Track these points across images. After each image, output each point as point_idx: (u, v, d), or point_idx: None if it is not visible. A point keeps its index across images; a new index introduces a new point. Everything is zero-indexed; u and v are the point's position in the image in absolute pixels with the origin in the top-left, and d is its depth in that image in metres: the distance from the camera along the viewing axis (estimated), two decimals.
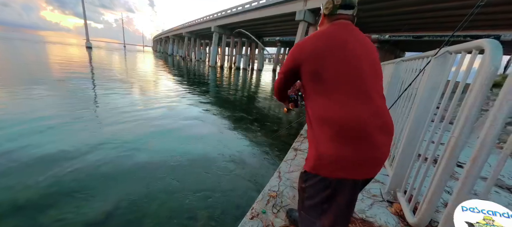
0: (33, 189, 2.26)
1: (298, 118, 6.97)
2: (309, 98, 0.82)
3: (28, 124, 3.76)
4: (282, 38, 32.68)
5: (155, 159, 3.13)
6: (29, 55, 16.31)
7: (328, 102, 0.75)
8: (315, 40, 0.78)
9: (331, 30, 0.81)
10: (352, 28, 0.82)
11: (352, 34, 0.80)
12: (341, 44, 0.76)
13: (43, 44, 38.29)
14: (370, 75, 0.78)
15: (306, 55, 0.79)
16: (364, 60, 0.78)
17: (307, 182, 0.80)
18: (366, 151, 0.71)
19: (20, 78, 7.54)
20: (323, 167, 0.74)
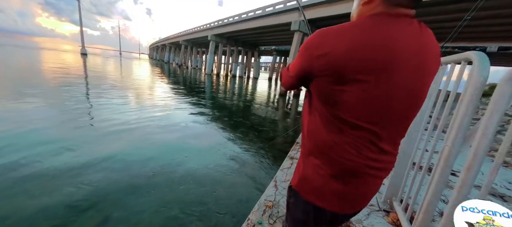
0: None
1: (294, 126, 6.98)
2: (313, 111, 0.63)
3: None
4: (278, 47, 33.23)
5: (147, 169, 3.05)
6: (24, 62, 16.04)
7: (334, 135, 0.57)
8: (350, 43, 0.49)
9: (381, 30, 0.49)
10: (412, 28, 0.52)
11: (410, 40, 0.51)
12: (382, 59, 0.48)
13: (37, 50, 37.83)
14: (405, 115, 0.57)
15: (326, 62, 0.51)
16: (410, 92, 0.54)
17: (291, 198, 0.73)
18: (357, 187, 0.60)
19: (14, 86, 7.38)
20: (304, 190, 0.66)
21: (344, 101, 0.53)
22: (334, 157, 0.58)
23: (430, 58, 0.54)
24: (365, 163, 0.57)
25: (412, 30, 0.51)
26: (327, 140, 0.58)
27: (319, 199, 0.62)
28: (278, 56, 37.61)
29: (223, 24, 24.38)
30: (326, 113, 0.57)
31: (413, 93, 0.54)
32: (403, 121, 0.58)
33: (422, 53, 0.52)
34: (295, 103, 12.34)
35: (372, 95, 0.51)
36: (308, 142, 0.64)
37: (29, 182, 2.44)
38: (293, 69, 0.65)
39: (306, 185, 0.65)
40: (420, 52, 0.52)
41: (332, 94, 0.54)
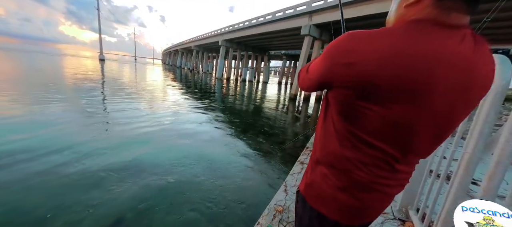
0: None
1: (304, 131, 6.91)
2: (327, 119, 0.58)
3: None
4: (287, 52, 33.24)
5: (158, 169, 3.13)
6: (51, 68, 17.14)
7: (347, 150, 0.53)
8: (385, 54, 0.41)
9: (426, 42, 0.41)
10: (468, 47, 0.42)
11: (463, 60, 0.42)
12: (432, 81, 0.41)
13: (61, 56, 40.31)
14: (433, 141, 0.51)
15: (353, 74, 0.44)
16: (445, 119, 0.47)
17: (298, 203, 0.71)
18: (366, 202, 0.57)
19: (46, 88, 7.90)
20: (310, 196, 0.64)
21: (366, 119, 0.47)
22: (344, 170, 0.55)
23: (478, 84, 0.45)
24: (377, 181, 0.53)
25: (464, 47, 0.42)
26: (339, 153, 0.54)
27: (324, 207, 0.61)
28: (288, 61, 37.58)
29: (233, 29, 24.80)
30: (342, 127, 0.52)
31: (448, 120, 0.47)
32: (428, 147, 0.53)
33: (471, 78, 0.43)
34: (305, 108, 12.22)
35: (401, 117, 0.44)
36: (319, 149, 0.62)
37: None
38: (313, 72, 0.58)
39: (312, 192, 0.64)
40: (468, 76, 0.43)
41: (354, 109, 0.48)
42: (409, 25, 0.44)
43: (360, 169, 0.53)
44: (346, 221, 0.60)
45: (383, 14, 9.85)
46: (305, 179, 0.67)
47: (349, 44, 0.45)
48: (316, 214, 0.63)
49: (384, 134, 0.47)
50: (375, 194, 0.56)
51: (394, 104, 0.43)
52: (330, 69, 0.49)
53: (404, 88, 0.42)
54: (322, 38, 14.58)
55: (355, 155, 0.52)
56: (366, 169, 0.52)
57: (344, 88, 0.47)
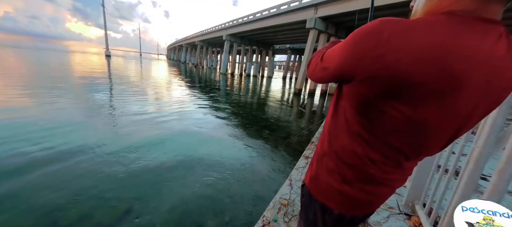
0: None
1: (309, 125, 6.88)
2: (339, 112, 0.56)
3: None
4: (292, 46, 32.81)
5: (164, 162, 3.19)
6: (61, 64, 17.49)
7: (358, 146, 0.52)
8: (421, 48, 0.37)
9: (462, 39, 0.38)
10: (503, 46, 0.39)
11: (488, 54, 0.38)
12: (462, 82, 0.38)
13: (68, 53, 41.04)
14: (447, 141, 0.50)
15: (387, 67, 0.39)
16: (466, 120, 0.45)
17: (303, 196, 0.72)
18: (369, 194, 0.57)
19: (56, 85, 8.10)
20: (315, 189, 0.65)
21: (386, 118, 0.44)
22: (352, 165, 0.55)
23: (505, 86, 0.42)
24: (386, 177, 0.54)
25: (500, 47, 0.39)
26: (349, 148, 0.53)
27: (327, 199, 0.61)
28: (292, 55, 37.14)
29: (237, 24, 24.58)
30: (356, 122, 0.50)
31: (468, 121, 0.45)
32: (442, 146, 0.52)
33: (500, 80, 0.40)
34: (310, 103, 12.13)
35: (425, 119, 0.42)
36: (327, 143, 0.61)
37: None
38: (330, 60, 0.52)
39: (317, 185, 0.64)
40: (498, 79, 0.40)
41: (374, 107, 0.44)
42: (448, 18, 0.39)
43: (369, 165, 0.52)
44: (351, 213, 0.61)
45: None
46: (310, 172, 0.68)
47: (382, 34, 0.39)
48: (321, 206, 0.64)
49: (402, 133, 0.45)
50: (382, 188, 0.57)
51: (421, 105, 0.41)
52: (355, 59, 0.43)
53: (435, 89, 0.39)
54: (328, 31, 14.31)
55: (365, 151, 0.51)
56: (376, 165, 0.52)
57: (368, 83, 0.43)
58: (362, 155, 0.52)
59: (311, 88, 15.12)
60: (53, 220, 2.00)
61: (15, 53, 24.41)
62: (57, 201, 2.22)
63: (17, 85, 7.42)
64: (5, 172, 2.60)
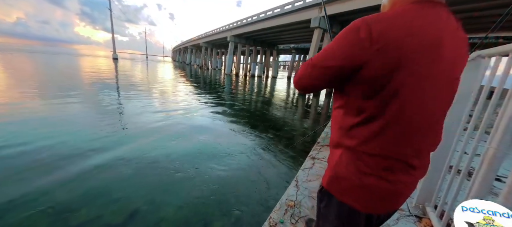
0: None
1: (315, 125, 6.82)
2: (348, 106, 0.59)
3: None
4: (297, 45, 32.66)
5: (170, 162, 3.22)
6: (73, 68, 17.99)
7: (377, 133, 0.54)
8: (405, 27, 0.47)
9: (421, 16, 0.49)
10: (447, 16, 0.51)
11: (449, 28, 0.51)
12: (435, 46, 0.48)
13: (78, 56, 42.10)
14: (445, 102, 0.57)
15: (378, 49, 0.47)
16: (451, 78, 0.55)
17: (322, 202, 0.69)
18: (393, 184, 0.56)
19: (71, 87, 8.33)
20: (337, 190, 0.62)
21: (396, 91, 0.49)
22: (373, 154, 0.55)
23: (464, 49, 0.55)
24: (404, 160, 0.55)
25: (449, 18, 0.52)
26: (366, 136, 0.55)
27: (353, 199, 0.59)
28: (297, 55, 36.98)
29: (241, 24, 24.66)
30: (368, 109, 0.54)
31: (450, 84, 0.55)
32: (445, 109, 0.58)
33: (459, 44, 0.53)
34: (315, 102, 12.04)
35: (424, 84, 0.50)
36: (340, 138, 0.61)
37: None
38: (326, 59, 0.55)
39: (339, 185, 0.61)
40: (458, 43, 0.53)
41: (382, 84, 0.49)
42: (411, 5, 0.51)
43: (387, 147, 0.54)
44: (374, 211, 0.60)
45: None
46: (328, 173, 0.65)
47: (368, 25, 0.48)
48: (346, 209, 0.61)
49: (413, 102, 0.50)
50: (401, 176, 0.56)
51: (418, 71, 0.48)
52: (357, 46, 0.49)
53: (424, 55, 0.48)
54: (333, 30, 14.14)
55: (385, 137, 0.53)
56: (394, 147, 0.54)
57: (371, 68, 0.49)
58: (380, 141, 0.54)
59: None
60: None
61: (32, 57, 25.19)
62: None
63: (51, 87, 7.67)
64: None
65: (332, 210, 0.64)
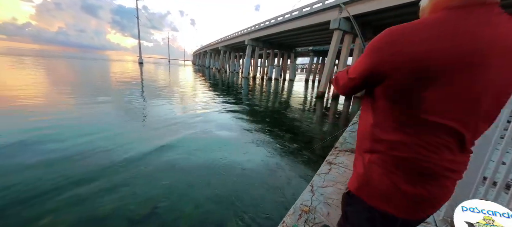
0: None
1: (333, 129, 6.61)
2: (377, 111, 0.58)
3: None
4: (315, 48, 32.04)
5: (186, 164, 3.34)
6: (109, 71, 19.68)
7: (407, 136, 0.53)
8: (431, 35, 0.45)
9: (457, 23, 0.45)
10: (499, 19, 0.46)
11: (501, 33, 0.45)
12: (474, 55, 0.44)
13: (109, 61, 45.78)
14: (488, 114, 0.53)
15: (402, 60, 0.47)
16: (498, 89, 0.49)
17: (350, 206, 0.68)
18: (430, 190, 0.55)
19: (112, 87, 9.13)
20: (368, 194, 0.61)
21: (425, 99, 0.48)
22: (406, 158, 0.53)
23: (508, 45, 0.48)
24: (441, 164, 0.53)
25: (503, 19, 0.46)
26: (398, 141, 0.54)
27: (388, 204, 0.57)
28: (315, 57, 36.24)
29: (259, 28, 24.88)
30: (399, 113, 0.53)
31: (501, 90, 0.50)
32: (485, 120, 0.54)
33: (499, 39, 0.46)
34: (334, 106, 11.66)
35: (458, 91, 0.47)
36: (371, 143, 0.60)
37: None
38: (356, 71, 0.60)
39: (370, 190, 0.60)
40: (495, 38, 0.46)
41: (410, 93, 0.50)
42: (447, 12, 0.48)
43: (422, 152, 0.52)
44: (412, 216, 0.58)
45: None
46: (357, 178, 0.64)
47: (392, 37, 0.50)
48: (379, 214, 0.59)
49: (445, 108, 0.49)
50: (441, 180, 0.54)
51: (449, 79, 0.46)
52: (379, 60, 0.52)
53: (456, 62, 0.45)
54: (353, 31, 13.67)
55: (416, 139, 0.52)
56: (430, 151, 0.52)
57: (396, 75, 0.50)
58: (417, 145, 0.52)
59: (334, 91, 14.54)
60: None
61: (75, 63, 27.95)
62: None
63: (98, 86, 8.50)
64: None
65: (362, 214, 0.64)
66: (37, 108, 5.67)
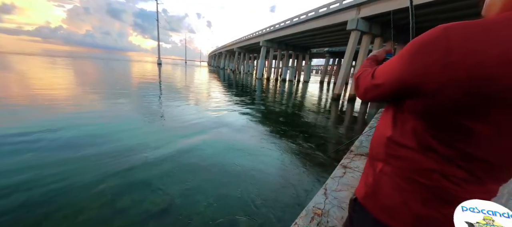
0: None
1: (350, 134, 6.41)
2: (404, 128, 0.50)
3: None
4: (331, 49, 31.30)
5: (202, 163, 3.43)
6: (132, 71, 20.88)
7: (430, 165, 0.45)
8: (507, 47, 0.33)
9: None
10: None
11: None
12: None
13: (131, 62, 48.46)
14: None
15: (460, 76, 0.36)
16: None
17: (355, 213, 0.64)
18: (443, 214, 0.49)
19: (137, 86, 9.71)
20: (374, 206, 0.56)
21: (475, 133, 0.38)
22: (424, 183, 0.47)
23: None
24: (466, 197, 0.45)
25: None
26: (420, 163, 0.47)
27: (393, 220, 0.53)
28: (331, 58, 35.39)
29: (274, 29, 24.86)
30: (429, 136, 0.44)
31: None
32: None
33: None
34: (350, 109, 11.30)
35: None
36: (385, 155, 0.54)
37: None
38: (385, 77, 0.49)
39: (377, 201, 0.56)
40: None
41: (458, 121, 0.39)
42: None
43: (448, 182, 0.45)
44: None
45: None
46: (365, 187, 0.60)
47: (449, 40, 0.36)
48: (379, 225, 0.55)
49: (488, 148, 0.40)
50: (449, 203, 0.48)
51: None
52: (420, 69, 0.40)
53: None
54: (372, 31, 13.18)
55: (443, 167, 0.45)
56: (455, 182, 0.45)
57: (443, 95, 0.38)
58: (439, 171, 0.45)
59: (351, 93, 14.09)
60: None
61: (102, 64, 29.96)
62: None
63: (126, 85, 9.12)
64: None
65: (365, 224, 0.61)
66: (82, 106, 6.15)
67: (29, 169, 2.79)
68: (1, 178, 2.56)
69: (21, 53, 34.48)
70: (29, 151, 3.25)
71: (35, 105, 5.82)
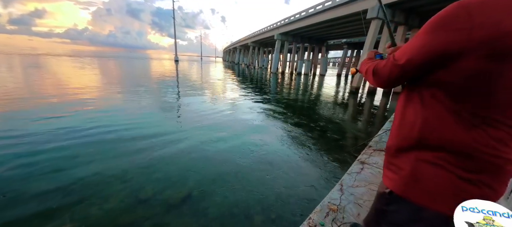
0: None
1: (367, 129, 6.15)
2: (431, 104, 0.52)
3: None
4: (349, 40, 29.91)
5: (218, 157, 3.51)
6: (154, 69, 21.93)
7: (474, 132, 0.47)
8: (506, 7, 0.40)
9: None
10: None
11: None
12: None
13: (149, 60, 50.71)
14: None
15: (486, 35, 0.40)
16: None
17: (391, 205, 0.63)
18: (490, 186, 0.50)
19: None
20: (418, 193, 0.55)
21: (502, 87, 0.42)
22: (472, 156, 0.48)
23: None
24: (497, 163, 0.48)
25: None
26: (463, 136, 0.48)
27: (441, 204, 0.52)
28: (349, 50, 33.86)
29: (289, 22, 24.30)
30: (467, 103, 0.47)
31: None
32: None
33: None
34: (369, 102, 10.79)
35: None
36: (418, 141, 0.55)
37: None
38: (410, 52, 0.51)
39: (420, 189, 0.55)
40: None
41: (488, 80, 0.43)
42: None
43: (494, 148, 0.47)
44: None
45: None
46: (402, 179, 0.59)
47: (469, 9, 0.42)
48: (432, 214, 0.54)
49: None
50: (504, 176, 0.50)
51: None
52: (448, 35, 0.44)
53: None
54: (395, 19, 12.32)
55: (486, 134, 0.47)
56: (502, 147, 0.47)
57: (474, 53, 0.42)
58: (484, 140, 0.47)
59: (370, 87, 13.42)
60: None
61: (125, 62, 31.77)
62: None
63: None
64: None
65: (406, 215, 0.60)
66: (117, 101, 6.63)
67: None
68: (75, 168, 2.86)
69: (55, 54, 37.59)
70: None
71: (97, 96, 6.35)
